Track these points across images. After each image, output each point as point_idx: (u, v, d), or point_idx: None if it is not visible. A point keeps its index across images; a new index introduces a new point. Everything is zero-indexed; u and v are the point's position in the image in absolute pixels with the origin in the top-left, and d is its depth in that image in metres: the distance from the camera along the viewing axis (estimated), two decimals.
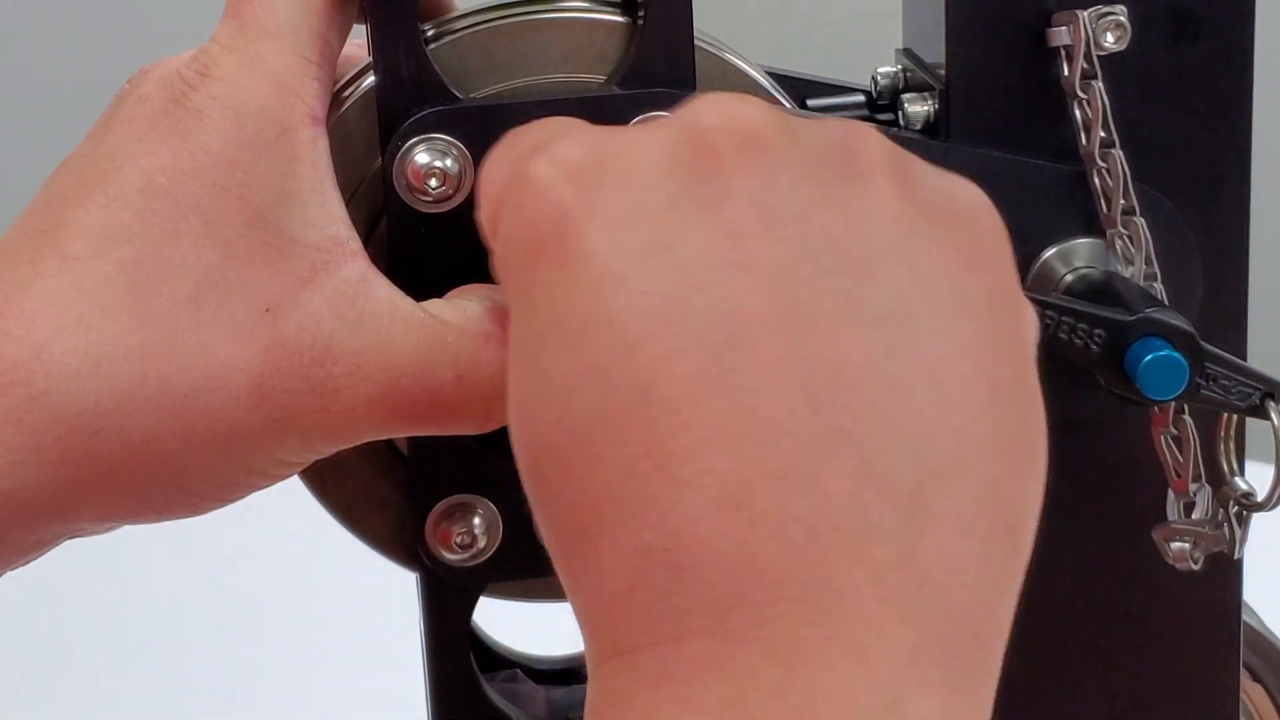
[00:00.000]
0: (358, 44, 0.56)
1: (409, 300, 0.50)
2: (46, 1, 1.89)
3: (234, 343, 0.49)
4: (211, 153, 0.50)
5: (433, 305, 0.51)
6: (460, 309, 0.50)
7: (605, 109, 0.52)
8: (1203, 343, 0.53)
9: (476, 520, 0.55)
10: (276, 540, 1.13)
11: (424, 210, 0.52)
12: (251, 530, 1.17)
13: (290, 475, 0.52)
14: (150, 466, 0.49)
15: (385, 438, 0.51)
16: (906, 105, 0.56)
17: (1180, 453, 0.55)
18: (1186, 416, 0.55)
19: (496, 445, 0.55)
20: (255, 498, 0.51)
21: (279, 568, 1.14)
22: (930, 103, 0.56)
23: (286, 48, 0.51)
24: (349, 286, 0.50)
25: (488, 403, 0.50)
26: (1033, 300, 0.54)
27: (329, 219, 0.50)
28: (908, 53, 0.59)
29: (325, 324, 0.49)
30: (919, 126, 0.56)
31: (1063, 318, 0.53)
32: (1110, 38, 0.54)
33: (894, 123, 0.57)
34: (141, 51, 0.58)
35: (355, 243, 0.50)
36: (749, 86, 0.55)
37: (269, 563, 1.14)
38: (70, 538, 0.51)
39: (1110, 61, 0.54)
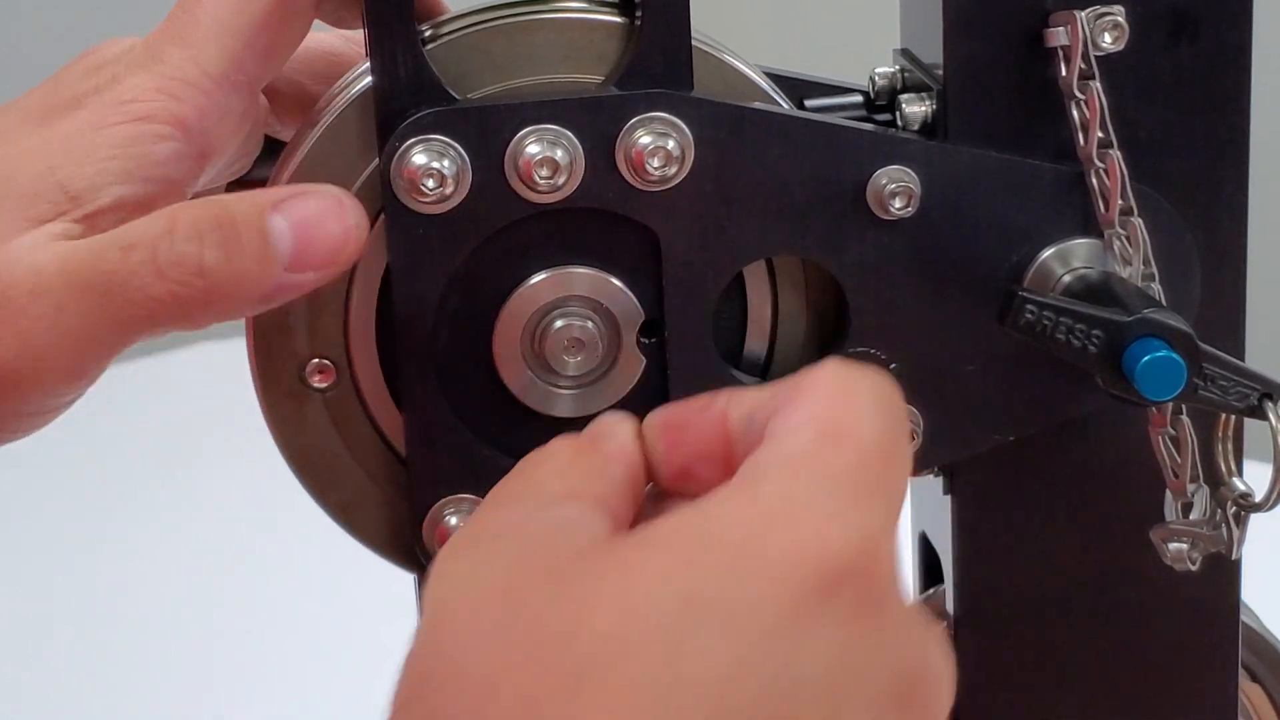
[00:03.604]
0: (346, 36, 0.57)
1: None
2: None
3: None
4: (61, 134, 0.52)
5: None
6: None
7: (603, 109, 0.53)
8: (1200, 343, 0.53)
9: None
10: (274, 541, 1.14)
11: (422, 211, 0.52)
12: (250, 531, 1.17)
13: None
14: None
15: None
16: (904, 105, 0.56)
17: (1178, 453, 0.55)
18: (1184, 417, 0.55)
19: (496, 443, 0.55)
20: (254, 499, 0.52)
21: (277, 568, 1.14)
22: (928, 103, 0.56)
23: (189, 57, 0.53)
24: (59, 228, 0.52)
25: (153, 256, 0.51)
26: (1031, 301, 0.54)
27: (90, 176, 0.52)
28: (906, 53, 0.59)
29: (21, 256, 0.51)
30: (917, 127, 0.56)
31: (1060, 318, 0.53)
32: (1108, 38, 0.54)
33: (892, 123, 0.57)
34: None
35: (86, 210, 0.52)
36: (747, 87, 0.55)
37: (267, 563, 1.14)
38: None
39: (1108, 62, 0.54)
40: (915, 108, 0.56)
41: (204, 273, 0.50)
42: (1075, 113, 0.54)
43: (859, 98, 0.58)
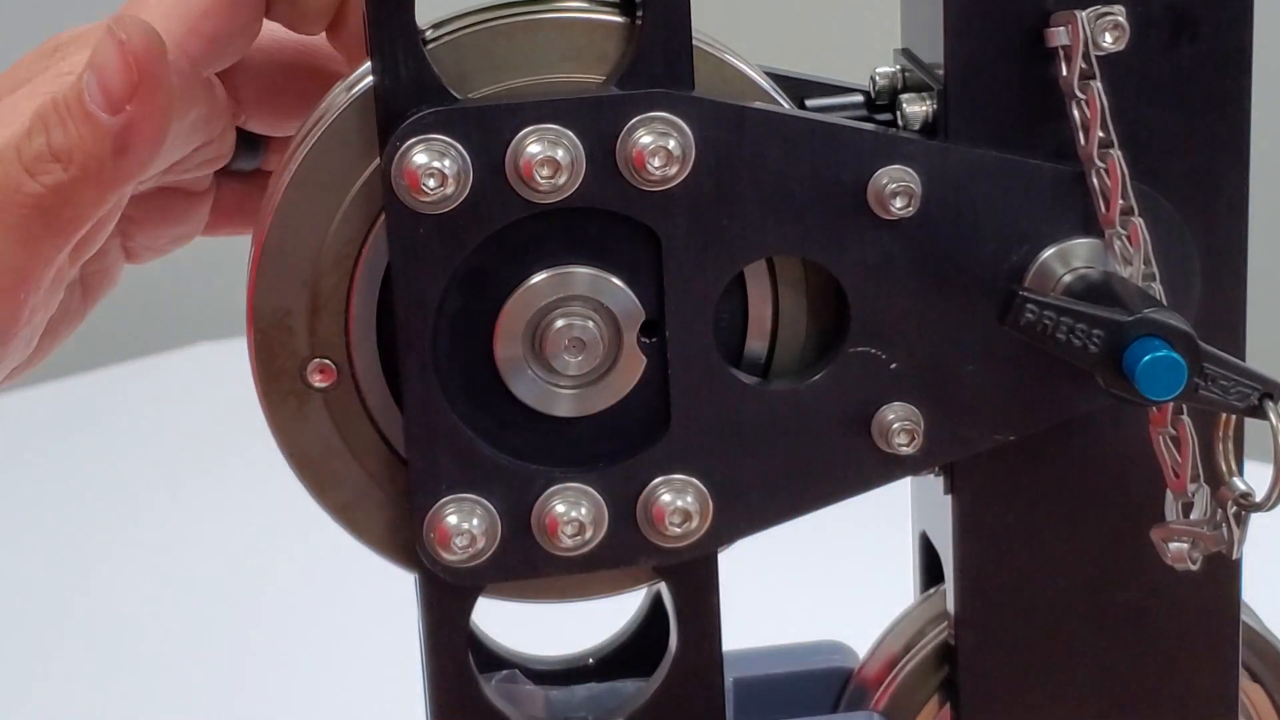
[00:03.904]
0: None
1: None
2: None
3: None
4: (3, 105, 0.55)
5: None
6: None
7: (603, 109, 0.53)
8: (1201, 343, 0.53)
9: (475, 520, 0.55)
10: (276, 541, 1.14)
11: (422, 211, 0.52)
12: (250, 530, 1.18)
13: None
14: None
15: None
16: (905, 105, 0.56)
17: (1179, 453, 0.55)
18: (1185, 417, 0.55)
19: (496, 443, 0.55)
20: (254, 498, 0.52)
21: (278, 568, 1.14)
22: (929, 103, 0.56)
23: None
24: None
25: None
26: (1032, 300, 0.54)
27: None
28: (906, 53, 0.59)
29: None
30: (917, 127, 0.56)
31: (1061, 318, 0.53)
32: (1109, 38, 0.54)
33: (893, 123, 0.57)
34: None
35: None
36: (747, 86, 0.55)
37: (268, 563, 1.14)
38: None
39: (1109, 62, 0.54)
40: (916, 107, 0.56)
41: (56, 155, 0.53)
42: (1076, 112, 0.54)
43: (859, 97, 0.58)
